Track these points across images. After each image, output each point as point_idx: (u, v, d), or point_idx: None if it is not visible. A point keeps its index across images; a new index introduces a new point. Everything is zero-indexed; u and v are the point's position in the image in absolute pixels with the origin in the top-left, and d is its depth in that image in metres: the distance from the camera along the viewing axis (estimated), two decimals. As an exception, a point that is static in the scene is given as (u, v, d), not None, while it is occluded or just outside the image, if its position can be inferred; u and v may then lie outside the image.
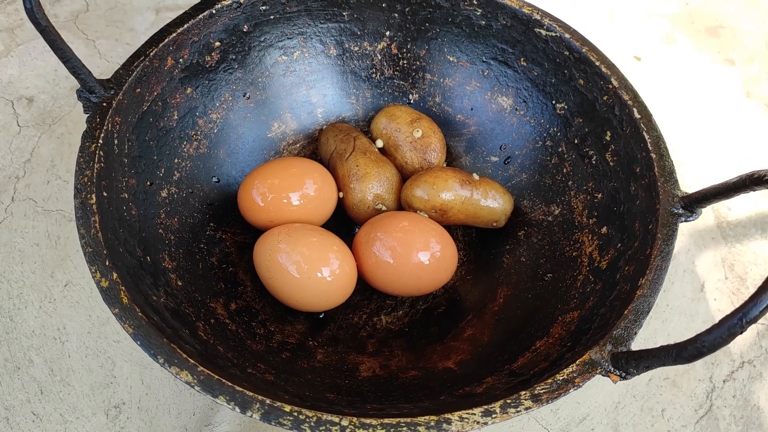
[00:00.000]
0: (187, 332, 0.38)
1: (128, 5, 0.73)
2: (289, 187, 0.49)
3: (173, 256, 0.45)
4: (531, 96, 0.53)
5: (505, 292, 0.48)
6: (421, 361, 0.44)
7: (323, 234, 0.47)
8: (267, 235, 0.47)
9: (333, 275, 0.45)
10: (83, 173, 0.39)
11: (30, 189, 0.58)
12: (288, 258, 0.44)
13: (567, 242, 0.48)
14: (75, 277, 0.53)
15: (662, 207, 0.41)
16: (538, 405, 0.34)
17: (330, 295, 0.45)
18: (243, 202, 0.49)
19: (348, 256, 0.46)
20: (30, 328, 0.51)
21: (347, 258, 0.46)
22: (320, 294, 0.45)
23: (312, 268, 0.44)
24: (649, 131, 0.44)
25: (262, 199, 0.48)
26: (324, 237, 0.46)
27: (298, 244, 0.45)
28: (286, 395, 0.36)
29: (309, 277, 0.44)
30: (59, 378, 0.49)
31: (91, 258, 0.36)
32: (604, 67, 0.47)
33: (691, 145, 0.68)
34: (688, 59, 0.76)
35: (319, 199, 0.49)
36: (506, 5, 0.50)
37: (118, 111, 0.43)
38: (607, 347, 0.35)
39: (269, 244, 0.46)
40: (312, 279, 0.44)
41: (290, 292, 0.45)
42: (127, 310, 0.35)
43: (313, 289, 0.45)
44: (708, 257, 0.60)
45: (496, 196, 0.50)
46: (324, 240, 0.46)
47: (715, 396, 0.52)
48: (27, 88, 0.65)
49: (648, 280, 0.38)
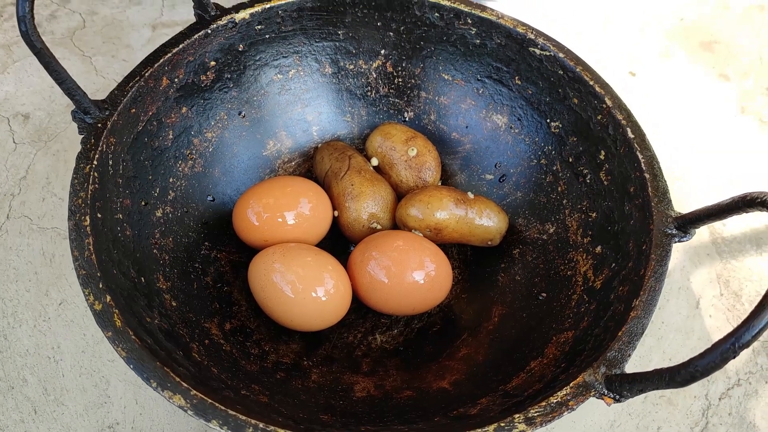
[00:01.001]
0: (181, 354, 0.38)
1: (125, 22, 0.73)
2: (284, 207, 0.49)
3: (168, 276, 0.45)
4: (526, 114, 0.53)
5: (500, 311, 0.48)
6: (416, 381, 0.44)
7: (318, 253, 0.47)
8: (262, 254, 0.47)
9: (328, 295, 0.45)
10: (77, 195, 0.39)
11: (25, 206, 0.58)
12: (283, 278, 0.44)
13: (562, 261, 0.48)
14: (70, 296, 0.53)
15: (656, 227, 0.41)
16: (532, 428, 0.34)
17: (325, 314, 0.45)
18: (238, 221, 0.49)
19: (343, 276, 0.46)
20: (24, 347, 0.51)
21: (342, 277, 0.46)
22: (315, 313, 0.45)
23: (307, 287, 0.44)
24: (643, 151, 0.44)
25: (257, 218, 0.48)
26: (319, 256, 0.46)
27: (292, 264, 0.45)
28: (279, 417, 0.36)
29: (304, 296, 0.44)
30: (53, 398, 0.49)
31: (84, 281, 0.36)
32: (598, 86, 0.47)
33: (686, 161, 0.68)
34: (683, 74, 0.76)
35: (314, 218, 0.49)
36: (501, 24, 0.51)
37: (112, 132, 0.43)
38: (601, 369, 0.35)
39: (264, 263, 0.46)
40: (307, 299, 0.44)
41: (285, 311, 0.45)
42: (120, 333, 0.35)
43: (308, 308, 0.45)
44: (703, 274, 0.60)
45: (491, 214, 0.50)
46: (319, 259, 0.46)
47: (710, 413, 0.52)
48: (23, 105, 0.65)
49: (642, 302, 0.38)
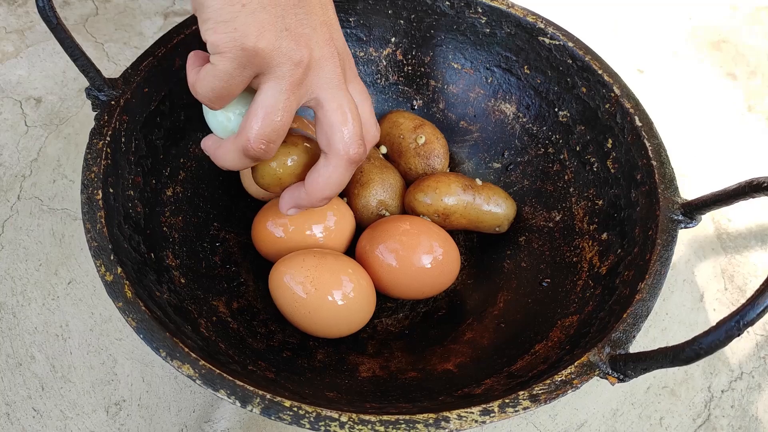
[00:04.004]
0: (189, 328, 0.39)
1: (137, 10, 0.74)
2: (312, 220, 0.48)
3: (177, 253, 0.45)
4: (534, 103, 0.53)
5: (506, 297, 0.49)
6: (421, 363, 0.45)
7: (346, 261, 0.46)
8: (285, 262, 0.45)
9: (347, 299, 0.44)
10: (90, 169, 0.40)
11: (36, 188, 0.58)
12: (299, 285, 0.44)
13: (567, 248, 0.48)
14: (78, 275, 0.54)
15: (662, 213, 0.41)
16: (537, 405, 0.34)
17: (351, 320, 0.45)
18: (260, 235, 0.49)
19: (368, 283, 0.46)
20: (33, 324, 0.51)
21: (367, 285, 0.46)
22: (342, 320, 0.45)
23: (325, 293, 0.44)
24: (650, 139, 0.44)
25: (283, 230, 0.48)
26: (344, 263, 0.46)
27: (320, 270, 0.44)
28: (286, 392, 0.36)
29: (324, 303, 0.44)
30: (60, 375, 0.49)
31: (96, 252, 0.37)
32: (607, 75, 0.48)
33: (693, 158, 0.68)
34: (691, 73, 0.77)
35: (338, 230, 0.49)
36: (510, 14, 0.51)
37: (125, 110, 0.43)
38: (606, 350, 0.36)
39: (290, 272, 0.44)
40: (331, 304, 0.44)
41: (309, 319, 0.44)
42: (130, 304, 0.35)
43: (333, 315, 0.44)
44: (708, 268, 0.60)
45: (499, 201, 0.50)
46: (341, 266, 0.45)
47: (713, 405, 0.52)
48: (35, 89, 0.66)
49: (647, 285, 0.38)
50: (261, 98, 0.35)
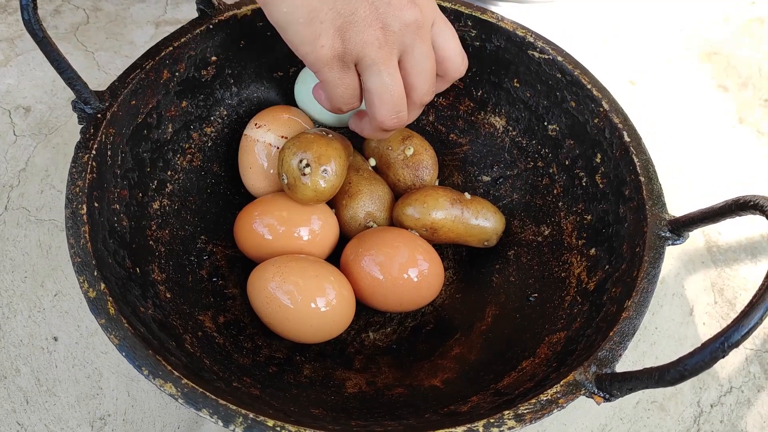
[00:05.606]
0: (174, 344, 0.38)
1: (128, 18, 0.74)
2: (297, 222, 0.48)
3: (163, 268, 0.45)
4: (523, 117, 0.53)
5: (494, 312, 0.48)
6: (408, 379, 0.44)
7: (325, 267, 0.46)
8: (264, 267, 0.45)
9: (330, 306, 0.44)
10: (75, 183, 0.40)
11: (24, 198, 0.58)
12: (282, 290, 0.44)
13: (556, 263, 0.48)
14: (65, 287, 0.53)
15: (650, 230, 0.41)
16: (522, 425, 0.34)
17: (328, 326, 0.45)
18: (244, 234, 0.49)
19: (347, 288, 0.46)
20: (18, 337, 0.51)
21: (347, 290, 0.46)
22: (319, 325, 0.44)
23: (306, 299, 0.43)
24: (639, 154, 0.44)
25: (269, 231, 0.47)
26: (323, 269, 0.46)
27: (291, 275, 0.44)
28: (270, 410, 0.36)
29: (304, 308, 0.43)
30: (45, 388, 0.49)
31: (79, 268, 0.36)
32: (596, 90, 0.48)
33: (683, 170, 0.68)
34: (682, 84, 0.77)
35: (322, 235, 0.49)
36: (500, 27, 0.51)
37: (112, 122, 0.43)
38: (592, 368, 0.35)
39: (267, 278, 0.44)
40: (307, 310, 0.43)
41: (289, 326, 0.44)
42: (113, 321, 0.35)
43: (312, 320, 0.44)
44: (697, 281, 0.60)
45: (488, 215, 0.50)
46: (320, 271, 0.45)
47: (702, 420, 0.52)
48: (24, 98, 0.65)
49: (634, 302, 0.38)
50: (369, 86, 0.39)
